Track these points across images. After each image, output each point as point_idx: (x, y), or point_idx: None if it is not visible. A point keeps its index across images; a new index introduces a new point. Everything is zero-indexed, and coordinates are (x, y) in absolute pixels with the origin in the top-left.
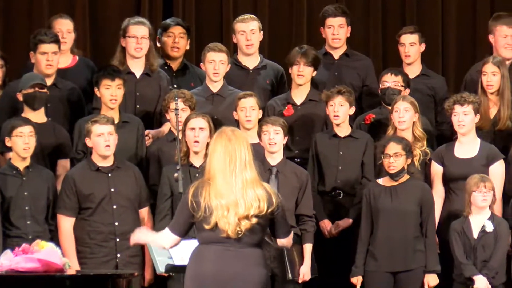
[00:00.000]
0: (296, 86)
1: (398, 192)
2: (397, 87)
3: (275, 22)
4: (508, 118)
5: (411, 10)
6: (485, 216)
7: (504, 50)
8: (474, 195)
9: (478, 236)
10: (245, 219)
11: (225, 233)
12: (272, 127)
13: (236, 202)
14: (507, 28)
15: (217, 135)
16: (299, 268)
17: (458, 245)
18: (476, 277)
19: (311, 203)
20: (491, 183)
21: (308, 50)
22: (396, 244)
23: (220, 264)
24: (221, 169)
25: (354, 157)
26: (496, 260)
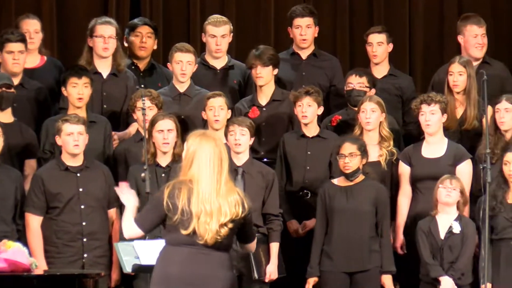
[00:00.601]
0: (260, 88)
1: (353, 192)
2: (362, 88)
3: (242, 22)
4: (474, 117)
5: (379, 10)
6: (452, 216)
7: (474, 49)
8: (439, 191)
9: (445, 237)
10: (224, 226)
11: (203, 240)
12: (239, 128)
13: (220, 209)
14: (477, 27)
15: (202, 136)
16: (265, 268)
17: (424, 245)
18: (442, 278)
19: (277, 202)
20: (459, 182)
21: (263, 50)
22: (352, 244)
23: (187, 266)
24: (208, 174)
25: (322, 157)
26: (463, 261)
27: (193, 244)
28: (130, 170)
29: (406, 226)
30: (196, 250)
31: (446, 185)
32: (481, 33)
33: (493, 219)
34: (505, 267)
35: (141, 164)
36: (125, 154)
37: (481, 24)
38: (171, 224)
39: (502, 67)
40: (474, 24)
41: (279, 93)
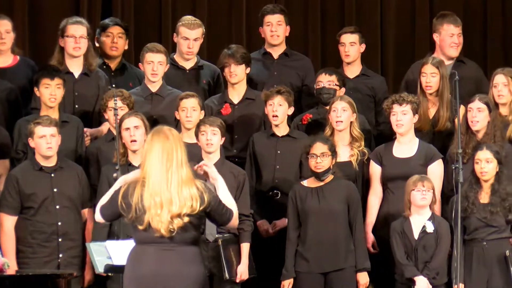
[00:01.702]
0: (232, 86)
1: (324, 192)
2: (332, 86)
3: (214, 23)
4: (447, 119)
5: (350, 10)
6: (426, 216)
7: (450, 49)
8: (413, 194)
9: (419, 237)
10: (178, 217)
11: (158, 232)
12: (210, 128)
13: (171, 200)
14: (454, 27)
15: (154, 133)
16: (236, 268)
17: (398, 246)
18: (416, 278)
19: (248, 202)
20: (431, 183)
21: (236, 49)
22: (326, 244)
23: (157, 264)
24: (158, 167)
25: (291, 157)
26: (437, 260)
27: (156, 242)
28: (102, 170)
29: (377, 225)
30: (160, 247)
31: (420, 188)
32: (458, 32)
33: (465, 219)
34: (477, 267)
35: (113, 164)
36: (97, 154)
37: (458, 24)
38: (129, 222)
39: (476, 67)
40: (451, 23)
41: (251, 92)
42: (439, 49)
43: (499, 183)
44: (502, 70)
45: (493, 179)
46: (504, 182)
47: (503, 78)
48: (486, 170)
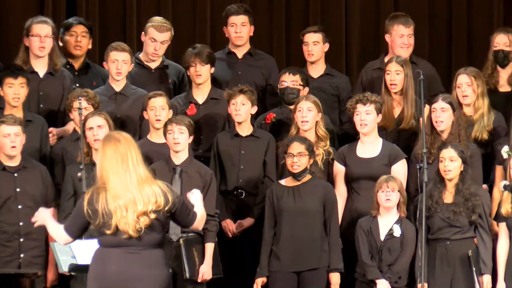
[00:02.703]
0: (197, 86)
1: (301, 192)
2: (296, 86)
3: (178, 23)
4: (412, 117)
5: (315, 10)
6: (393, 218)
7: (400, 49)
8: (379, 195)
9: (385, 239)
10: (144, 215)
11: (126, 234)
12: (177, 127)
13: (134, 199)
14: (404, 27)
15: (104, 140)
16: (199, 267)
17: (364, 244)
18: (378, 281)
19: (214, 202)
20: (396, 183)
21: (201, 49)
22: (301, 244)
23: (122, 266)
24: (115, 170)
25: (256, 157)
26: (401, 264)
27: (122, 245)
28: (67, 169)
29: (341, 225)
30: (125, 250)
31: (384, 189)
32: (408, 33)
33: (429, 219)
34: (440, 267)
35: (78, 163)
36: (62, 153)
37: (408, 24)
38: (95, 229)
39: (429, 67)
40: (401, 24)
41: (216, 92)
42: (391, 50)
43: (463, 183)
44: (465, 70)
45: (457, 179)
46: (468, 182)
47: (466, 78)
48: (450, 169)
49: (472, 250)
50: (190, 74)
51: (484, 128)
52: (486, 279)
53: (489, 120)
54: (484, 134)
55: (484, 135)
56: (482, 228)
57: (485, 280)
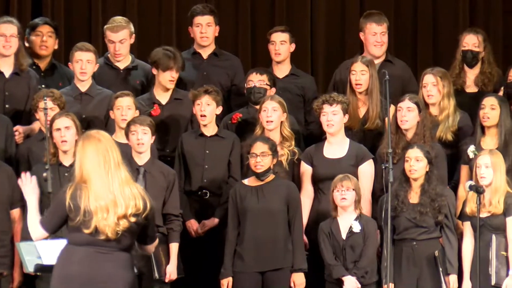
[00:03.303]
0: (163, 88)
1: (264, 191)
2: (263, 86)
3: (144, 23)
4: (377, 117)
5: (281, 10)
6: (352, 216)
7: (373, 47)
8: (334, 194)
9: (346, 237)
10: (124, 218)
11: (104, 235)
12: (140, 127)
13: (115, 201)
14: (377, 25)
15: (84, 138)
16: (165, 268)
17: (326, 246)
18: (344, 278)
19: (178, 202)
20: (351, 182)
21: (177, 55)
22: (264, 244)
23: (87, 266)
24: (96, 171)
25: (220, 157)
26: (365, 259)
27: (94, 244)
28: (32, 169)
29: (308, 226)
30: (96, 250)
31: (339, 188)
32: (381, 31)
33: (395, 219)
34: (407, 267)
35: (43, 163)
36: (28, 154)
37: (381, 22)
38: (73, 225)
39: (404, 66)
40: (374, 22)
41: (178, 93)
42: (365, 48)
43: (428, 183)
44: (432, 70)
45: (423, 179)
46: (434, 182)
47: (432, 78)
48: (416, 169)
49: (439, 250)
50: (161, 78)
51: (449, 128)
52: (452, 278)
53: (454, 121)
54: (448, 134)
55: (448, 135)
56: (448, 228)
57: (452, 280)
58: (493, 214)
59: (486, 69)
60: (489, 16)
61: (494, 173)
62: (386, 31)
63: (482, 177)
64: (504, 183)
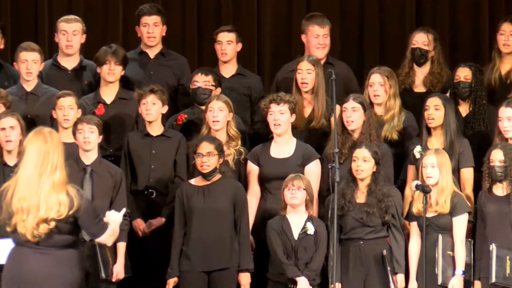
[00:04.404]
0: (106, 85)
1: (211, 191)
2: (208, 86)
3: (90, 22)
4: (322, 116)
5: (227, 9)
6: (303, 216)
7: (315, 50)
8: (285, 193)
9: (299, 237)
10: (44, 222)
11: (23, 237)
12: (87, 126)
13: (38, 205)
14: (319, 28)
15: (33, 134)
16: (112, 267)
17: (278, 244)
18: (298, 279)
19: (125, 201)
20: (303, 182)
21: (117, 49)
22: (211, 243)
23: (33, 265)
24: (31, 171)
25: (166, 156)
26: (317, 262)
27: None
28: None
29: (255, 225)
30: (36, 250)
31: (290, 187)
32: (323, 33)
33: (342, 218)
34: (354, 267)
35: None
36: None
37: (323, 25)
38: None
39: (345, 68)
40: (316, 25)
41: (124, 92)
42: (307, 50)
43: (375, 183)
44: (379, 69)
45: (370, 179)
46: (381, 183)
47: (379, 77)
48: (362, 169)
49: (386, 249)
50: (101, 72)
51: (394, 128)
52: (399, 278)
53: (399, 121)
54: (394, 134)
55: (394, 135)
56: (395, 228)
57: (399, 279)
58: (439, 214)
59: (436, 69)
60: (436, 17)
61: (440, 173)
62: (329, 33)
63: (428, 177)
64: (451, 183)
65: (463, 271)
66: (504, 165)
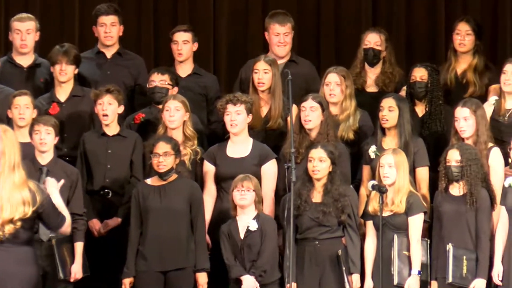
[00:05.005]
0: (59, 84)
1: (167, 191)
2: (165, 86)
3: (46, 22)
4: (279, 116)
5: (183, 9)
6: (251, 216)
7: (277, 48)
8: (234, 193)
9: (244, 236)
10: (9, 223)
11: None
12: (44, 127)
13: (1, 206)
14: (280, 26)
15: None
16: (70, 267)
17: (225, 247)
18: (243, 278)
19: (81, 201)
20: (252, 183)
21: (69, 48)
22: (167, 243)
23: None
24: None
25: (122, 156)
26: (264, 258)
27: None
28: None
29: (211, 225)
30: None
31: (239, 188)
32: (284, 31)
33: (298, 218)
34: (309, 266)
35: None
36: None
37: (284, 23)
38: None
39: (309, 66)
40: (277, 23)
41: (78, 89)
42: (270, 48)
43: (332, 183)
44: (335, 69)
45: (326, 179)
46: (337, 182)
47: (336, 77)
48: (319, 169)
49: (341, 249)
50: (54, 71)
51: (350, 127)
52: (355, 278)
53: (354, 120)
54: (350, 133)
55: (350, 134)
56: (350, 227)
57: (354, 279)
58: (395, 214)
59: (388, 69)
60: (392, 16)
61: (397, 172)
62: (290, 31)
63: (385, 177)
64: (407, 183)
65: (419, 271)
66: (460, 165)
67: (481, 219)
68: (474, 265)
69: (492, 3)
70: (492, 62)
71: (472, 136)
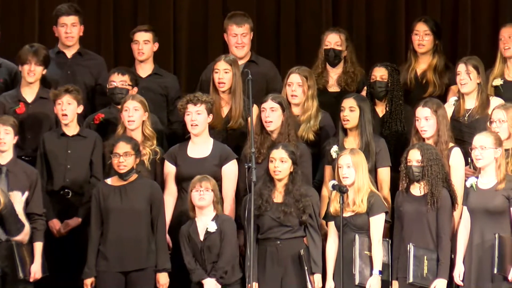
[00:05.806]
0: (27, 84)
1: (127, 191)
2: (125, 86)
3: (6, 22)
4: (240, 116)
5: (143, 9)
6: (210, 217)
7: (235, 49)
8: (192, 194)
9: (204, 238)
10: None
11: None
12: (3, 127)
13: None
14: (237, 27)
15: None
16: (30, 267)
17: (186, 250)
18: (204, 281)
19: (41, 201)
20: (210, 183)
21: (39, 49)
22: (127, 243)
23: None
24: None
25: (82, 156)
26: (224, 259)
27: None
28: None
29: (172, 225)
30: None
31: (198, 188)
32: (241, 32)
33: (259, 218)
34: (271, 266)
35: None
36: None
37: (242, 24)
38: None
39: (269, 66)
40: (235, 24)
41: (44, 91)
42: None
43: (293, 183)
44: (298, 69)
45: (287, 179)
46: (298, 183)
47: (298, 77)
48: (280, 170)
49: (303, 249)
50: (22, 71)
51: (310, 128)
52: (317, 278)
53: (316, 121)
54: (310, 134)
55: (310, 135)
56: (312, 227)
57: (316, 279)
58: (356, 214)
59: (349, 69)
60: (352, 16)
61: (356, 172)
62: (248, 32)
63: (344, 177)
64: (367, 183)
65: (380, 270)
66: (421, 165)
67: (442, 219)
68: (435, 265)
69: (451, 2)
70: (452, 61)
71: (433, 136)
